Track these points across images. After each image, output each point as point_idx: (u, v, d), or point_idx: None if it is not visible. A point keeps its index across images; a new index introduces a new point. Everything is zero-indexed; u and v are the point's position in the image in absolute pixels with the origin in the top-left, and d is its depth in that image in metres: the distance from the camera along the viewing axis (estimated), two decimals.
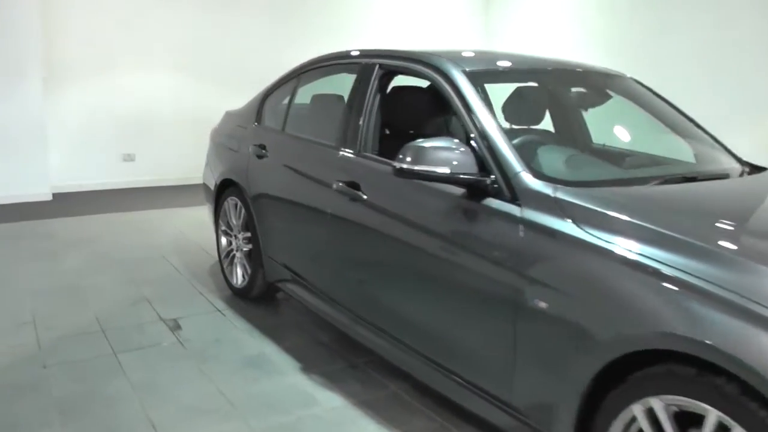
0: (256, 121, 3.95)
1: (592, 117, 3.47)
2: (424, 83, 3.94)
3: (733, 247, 1.83)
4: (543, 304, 2.04)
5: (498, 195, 2.25)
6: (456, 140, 2.35)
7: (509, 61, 3.08)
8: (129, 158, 7.27)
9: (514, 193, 2.21)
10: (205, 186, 4.52)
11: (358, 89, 3.09)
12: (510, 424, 2.21)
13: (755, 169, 2.82)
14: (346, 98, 3.78)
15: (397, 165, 2.35)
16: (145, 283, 4.29)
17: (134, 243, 5.21)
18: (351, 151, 3.00)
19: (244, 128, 4.03)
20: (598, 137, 3.46)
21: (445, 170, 2.27)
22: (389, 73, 3.09)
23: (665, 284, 1.74)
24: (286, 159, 3.50)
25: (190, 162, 7.33)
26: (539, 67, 3.12)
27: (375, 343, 2.87)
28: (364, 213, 2.80)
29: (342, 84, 3.64)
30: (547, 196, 2.14)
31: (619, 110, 3.32)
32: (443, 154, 2.29)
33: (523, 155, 2.32)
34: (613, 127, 3.33)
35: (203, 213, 5.12)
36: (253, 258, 3.82)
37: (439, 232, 2.44)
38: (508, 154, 2.30)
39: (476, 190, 2.31)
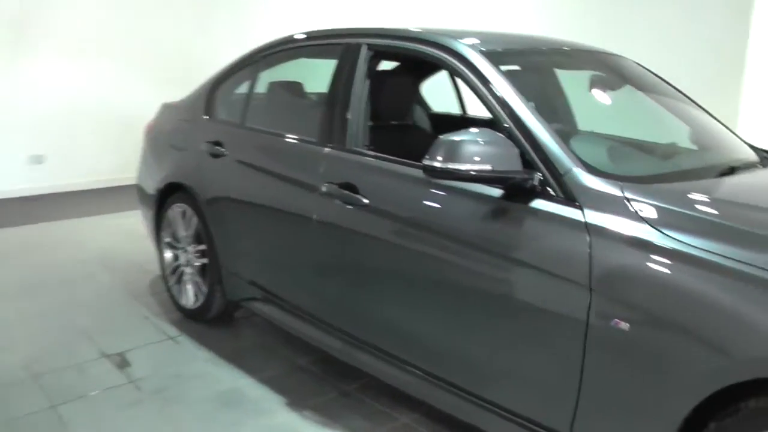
0: (206, 114, 3.38)
1: (575, 100, 3.16)
2: (391, 66, 3.55)
3: None
4: (623, 326, 1.69)
5: (547, 196, 1.88)
6: (493, 131, 1.95)
7: (516, 40, 2.71)
8: (37, 160, 6.39)
9: (569, 192, 1.85)
10: (139, 189, 3.89)
11: (342, 74, 2.62)
12: None
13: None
14: (305, 85, 3.34)
15: (428, 163, 1.92)
16: (76, 309, 3.63)
17: (54, 260, 4.48)
18: (340, 147, 2.53)
19: (191, 123, 3.45)
20: (582, 123, 3.18)
21: (485, 167, 1.87)
22: (377, 56, 2.64)
23: None
24: (251, 157, 2.98)
25: (112, 161, 6.57)
26: (549, 47, 2.74)
27: (380, 370, 2.44)
28: (365, 220, 2.35)
29: (310, 69, 3.18)
30: (615, 197, 1.79)
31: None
32: (482, 149, 1.88)
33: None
34: (601, 112, 3.04)
35: (133, 220, 4.48)
36: (209, 274, 3.27)
37: (473, 241, 2.03)
38: (556, 147, 1.93)
39: (520, 191, 1.93)
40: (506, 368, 2.01)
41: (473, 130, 1.94)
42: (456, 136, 1.91)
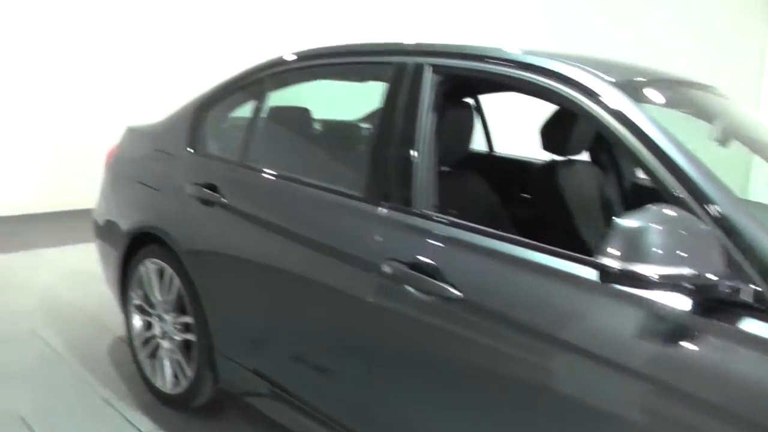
0: (190, 146, 2.63)
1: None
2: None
3: None
4: None
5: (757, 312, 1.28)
6: (692, 216, 1.31)
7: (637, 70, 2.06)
8: None
9: None
10: (97, 225, 3.09)
11: (397, 105, 1.94)
12: None
13: None
14: (319, 111, 2.65)
15: (608, 264, 1.26)
16: (11, 383, 2.81)
17: None
18: (403, 208, 1.84)
19: (169, 156, 2.68)
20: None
21: (685, 271, 1.23)
22: (447, 82, 1.95)
23: None
24: (262, 210, 2.25)
25: (51, 183, 5.66)
26: (666, 78, 2.10)
27: None
28: (456, 319, 1.66)
29: (324, 93, 2.50)
30: None
31: None
32: (678, 243, 1.24)
33: None
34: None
35: (82, 254, 3.66)
36: (198, 354, 2.51)
37: (643, 371, 1.36)
38: None
39: (721, 303, 1.29)
40: None
41: (663, 210, 1.28)
42: (644, 221, 1.25)
